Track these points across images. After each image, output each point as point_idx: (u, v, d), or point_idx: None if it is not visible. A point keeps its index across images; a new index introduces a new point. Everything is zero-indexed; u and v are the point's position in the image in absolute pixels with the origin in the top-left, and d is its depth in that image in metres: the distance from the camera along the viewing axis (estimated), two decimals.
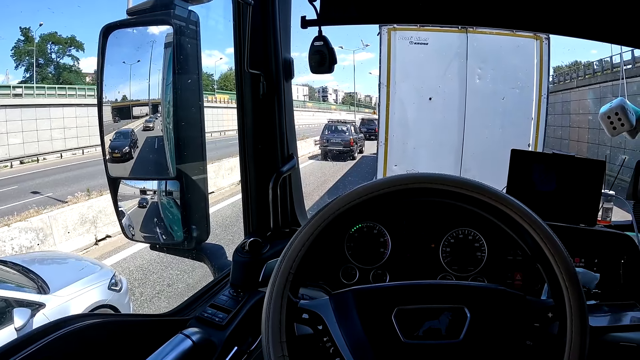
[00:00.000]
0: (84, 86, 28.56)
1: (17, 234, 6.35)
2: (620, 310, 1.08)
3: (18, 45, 34.11)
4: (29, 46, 33.92)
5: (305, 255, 0.75)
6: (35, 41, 34.36)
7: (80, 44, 36.57)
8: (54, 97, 24.75)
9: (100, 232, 7.57)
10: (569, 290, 0.70)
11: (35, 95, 23.95)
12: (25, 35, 34.24)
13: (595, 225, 1.21)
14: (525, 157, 1.23)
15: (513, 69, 6.55)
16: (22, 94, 23.62)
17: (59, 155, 22.35)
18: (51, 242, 6.73)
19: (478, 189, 0.75)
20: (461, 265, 1.14)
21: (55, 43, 35.80)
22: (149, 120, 1.18)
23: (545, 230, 0.73)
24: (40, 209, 7.43)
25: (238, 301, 1.06)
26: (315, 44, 1.13)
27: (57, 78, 34.01)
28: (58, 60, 36.31)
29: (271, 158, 1.26)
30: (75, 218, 7.31)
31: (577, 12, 1.03)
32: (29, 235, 6.48)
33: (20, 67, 34.39)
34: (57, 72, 35.56)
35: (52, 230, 6.81)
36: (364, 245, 1.16)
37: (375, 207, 0.78)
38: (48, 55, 35.70)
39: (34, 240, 6.51)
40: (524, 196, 1.19)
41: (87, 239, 7.36)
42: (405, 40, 6.59)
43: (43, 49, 35.15)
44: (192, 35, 1.09)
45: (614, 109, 1.35)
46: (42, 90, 25.35)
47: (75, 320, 0.83)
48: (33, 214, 7.03)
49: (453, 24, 1.26)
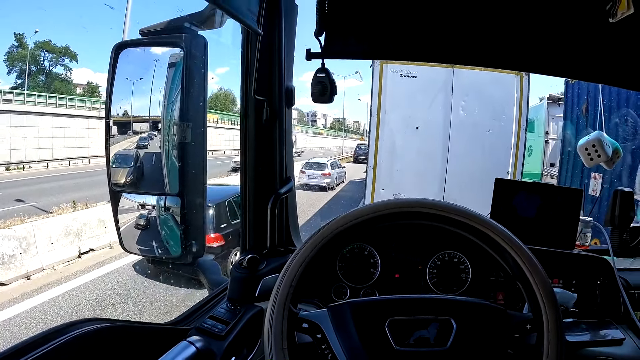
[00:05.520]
0: (74, 97, 28.39)
1: (0, 241, 6.21)
2: (597, 327, 1.13)
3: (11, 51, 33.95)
4: (22, 53, 33.77)
5: (304, 271, 0.81)
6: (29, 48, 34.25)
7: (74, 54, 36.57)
8: (44, 106, 24.56)
9: (84, 245, 7.45)
10: (545, 304, 0.77)
11: (25, 102, 23.72)
12: (19, 41, 34.14)
13: (574, 249, 1.28)
14: (508, 185, 1.29)
15: (494, 101, 6.90)
16: (13, 99, 23.39)
17: (46, 165, 22.01)
18: (34, 251, 6.59)
19: (465, 214, 0.82)
20: (447, 286, 1.19)
21: (49, 51, 35.73)
22: (144, 139, 1.22)
23: (525, 252, 0.80)
24: (24, 218, 7.29)
25: (236, 314, 1.10)
26: (318, 75, 1.19)
27: (48, 87, 33.77)
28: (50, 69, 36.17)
29: (270, 180, 1.31)
30: (60, 229, 7.18)
31: (558, 53, 1.13)
32: (11, 244, 6.33)
33: (12, 73, 34.19)
34: (49, 80, 35.35)
35: (35, 239, 6.67)
36: (355, 265, 1.21)
37: (367, 229, 0.85)
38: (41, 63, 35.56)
39: (16, 249, 6.36)
40: (507, 221, 1.26)
41: (71, 251, 7.22)
42: (396, 73, 6.96)
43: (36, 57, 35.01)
44: (201, 59, 1.14)
45: (592, 142, 1.46)
46: (33, 97, 25.14)
47: (80, 324, 0.85)
48: (17, 222, 6.90)
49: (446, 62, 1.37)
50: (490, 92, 6.84)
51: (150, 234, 1.31)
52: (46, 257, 6.75)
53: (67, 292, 6.03)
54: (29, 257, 6.50)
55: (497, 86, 6.81)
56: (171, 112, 1.19)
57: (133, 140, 1.24)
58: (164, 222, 1.28)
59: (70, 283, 6.33)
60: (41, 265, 6.59)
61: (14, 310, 5.38)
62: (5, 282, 6.00)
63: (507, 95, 6.84)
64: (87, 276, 6.57)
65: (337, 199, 15.04)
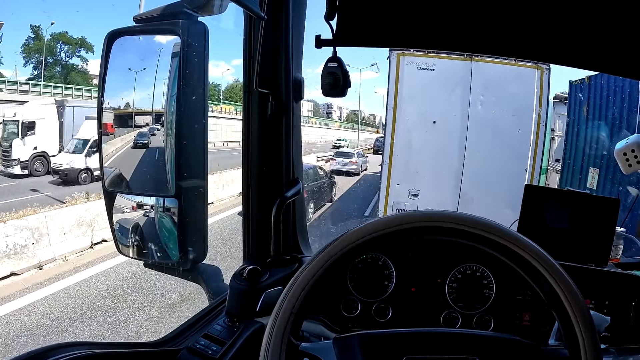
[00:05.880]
0: (90, 87, 28.73)
1: (13, 231, 6.26)
2: (630, 354, 1.05)
3: (28, 42, 34.44)
4: (39, 44, 34.24)
5: (307, 295, 0.70)
6: (46, 39, 34.71)
7: (90, 45, 36.92)
8: (60, 97, 24.87)
9: (97, 235, 7.47)
10: (585, 341, 0.66)
11: (41, 94, 24.05)
12: (36, 33, 34.60)
13: (608, 265, 1.17)
14: (539, 192, 1.19)
15: (514, 96, 6.72)
16: (29, 90, 23.75)
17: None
18: (46, 242, 6.65)
19: (494, 230, 0.71)
20: (467, 302, 1.10)
21: (65, 43, 36.16)
22: (143, 136, 1.13)
23: (563, 277, 0.68)
24: (37, 208, 7.37)
25: (233, 332, 1.00)
26: (329, 65, 1.06)
27: (65, 78, 34.25)
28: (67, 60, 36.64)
29: (275, 182, 1.20)
30: (73, 220, 7.23)
31: (579, 43, 1.00)
32: (24, 234, 6.39)
33: (29, 64, 34.69)
34: (65, 72, 35.83)
35: (47, 230, 6.72)
36: (368, 277, 1.12)
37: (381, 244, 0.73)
38: (57, 54, 36.03)
39: (29, 240, 6.42)
40: (537, 232, 1.16)
41: (83, 242, 7.25)
42: (413, 65, 6.83)
43: (52, 48, 35.47)
44: (200, 48, 1.03)
45: (631, 146, 1.32)
46: (49, 88, 25.50)
47: (63, 349, 0.77)
48: (30, 213, 6.96)
49: (462, 51, 1.26)
50: (510, 87, 6.65)
51: (149, 238, 1.23)
52: (58, 247, 6.79)
53: (78, 282, 6.08)
54: (42, 247, 6.55)
55: (517, 81, 6.61)
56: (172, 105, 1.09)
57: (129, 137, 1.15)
58: (162, 224, 1.20)
59: (82, 274, 6.39)
60: (53, 255, 6.64)
61: (26, 300, 5.44)
62: (17, 272, 6.06)
63: (526, 90, 6.64)
64: (99, 267, 6.61)
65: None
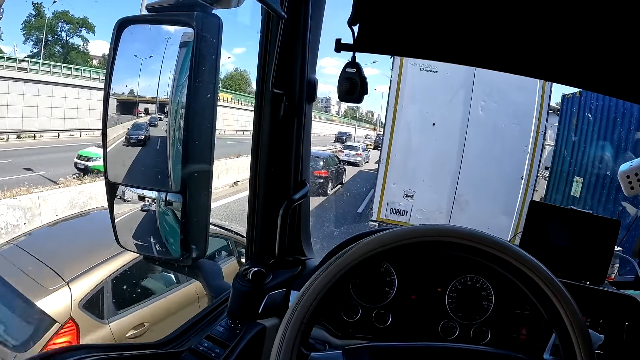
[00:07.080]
0: (89, 68, 28.44)
1: (5, 210, 6.22)
2: None
3: (29, 19, 34.00)
4: (40, 22, 33.82)
5: (318, 305, 0.70)
6: (47, 17, 34.27)
7: (92, 26, 36.60)
8: (58, 76, 24.65)
9: None
10: (583, 358, 0.68)
11: (40, 72, 23.80)
12: (37, 10, 34.17)
13: (604, 283, 1.18)
14: (543, 209, 1.20)
15: (515, 104, 6.75)
16: (28, 68, 23.48)
17: (57, 135, 22.18)
18: (38, 222, 6.58)
19: (500, 247, 0.71)
20: (466, 313, 1.10)
21: (66, 22, 35.74)
22: (140, 127, 1.10)
23: (565, 295, 0.70)
24: (30, 188, 7.30)
25: (236, 334, 1.00)
26: (347, 70, 1.03)
27: (64, 57, 33.88)
28: (67, 40, 36.24)
29: (283, 183, 1.18)
30: (66, 202, 7.19)
31: (586, 65, 0.99)
32: (16, 214, 6.35)
33: (29, 41, 34.31)
34: (65, 51, 35.44)
35: (40, 211, 6.68)
36: (370, 283, 1.11)
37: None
38: (58, 33, 35.62)
39: (20, 219, 6.38)
40: (538, 248, 1.17)
41: None
42: (416, 66, 6.84)
43: (53, 27, 35.05)
44: (214, 41, 1.00)
45: (635, 169, 1.32)
46: (48, 67, 25.24)
47: (59, 355, 0.76)
48: (23, 192, 6.90)
49: (485, 68, 1.23)
50: (512, 95, 6.70)
51: (149, 230, 1.21)
52: None
53: None
54: (32, 228, 6.50)
55: (520, 89, 6.67)
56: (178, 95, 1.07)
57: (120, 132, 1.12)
58: (164, 219, 1.18)
59: None
60: None
61: None
62: None
63: (528, 99, 6.70)
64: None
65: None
